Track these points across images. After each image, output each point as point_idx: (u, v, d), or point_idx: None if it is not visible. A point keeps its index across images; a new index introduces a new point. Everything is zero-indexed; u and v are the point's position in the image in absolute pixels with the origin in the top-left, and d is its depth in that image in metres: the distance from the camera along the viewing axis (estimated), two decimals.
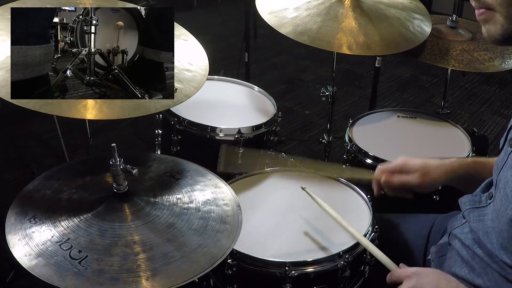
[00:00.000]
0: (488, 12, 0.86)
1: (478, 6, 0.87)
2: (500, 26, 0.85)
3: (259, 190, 1.47)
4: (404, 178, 1.18)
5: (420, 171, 1.17)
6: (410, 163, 1.19)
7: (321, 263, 1.18)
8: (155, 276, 0.93)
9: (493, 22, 0.86)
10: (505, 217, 0.89)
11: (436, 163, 1.18)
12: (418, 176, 1.17)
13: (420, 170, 1.17)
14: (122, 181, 1.08)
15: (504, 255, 0.91)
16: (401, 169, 1.19)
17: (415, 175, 1.17)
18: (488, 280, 0.95)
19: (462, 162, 1.19)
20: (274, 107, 1.83)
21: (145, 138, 2.75)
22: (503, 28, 0.84)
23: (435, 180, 1.17)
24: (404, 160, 1.20)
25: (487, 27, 0.87)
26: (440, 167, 1.18)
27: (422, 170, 1.17)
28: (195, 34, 1.57)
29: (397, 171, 1.20)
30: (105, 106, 1.18)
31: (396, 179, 1.20)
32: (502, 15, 0.83)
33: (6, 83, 1.11)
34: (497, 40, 0.87)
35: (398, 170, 1.20)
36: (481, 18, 0.87)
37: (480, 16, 0.87)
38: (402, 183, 1.18)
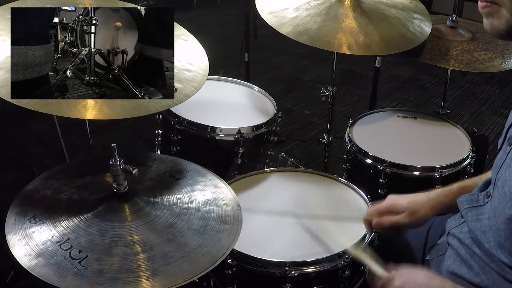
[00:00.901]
0: (493, 6, 0.85)
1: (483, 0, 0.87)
2: (504, 21, 0.84)
3: (259, 190, 1.47)
4: (394, 219, 1.20)
5: (408, 211, 1.19)
6: (397, 203, 1.21)
7: (321, 263, 1.18)
8: (155, 276, 0.93)
9: (498, 17, 0.85)
10: (503, 215, 0.89)
11: (423, 200, 1.20)
12: (407, 216, 1.19)
13: (408, 209, 1.19)
14: (122, 181, 1.08)
15: (501, 254, 0.91)
16: (390, 210, 1.21)
17: (403, 215, 1.19)
18: (487, 279, 0.95)
19: (448, 192, 1.20)
20: (274, 107, 1.83)
21: (145, 138, 2.74)
22: (507, 24, 0.84)
23: (423, 217, 1.19)
24: (391, 201, 1.23)
25: (490, 21, 0.87)
26: (427, 203, 1.19)
27: (409, 210, 1.19)
28: (195, 34, 1.57)
29: (386, 212, 1.21)
30: (105, 106, 1.18)
31: (386, 220, 1.22)
32: (508, 11, 0.83)
33: (6, 83, 1.11)
34: (500, 34, 0.86)
35: (387, 211, 1.22)
36: (485, 11, 0.87)
37: (484, 9, 0.87)
38: (392, 223, 1.20)
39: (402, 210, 1.20)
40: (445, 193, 1.21)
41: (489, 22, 0.87)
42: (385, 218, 1.22)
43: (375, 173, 1.60)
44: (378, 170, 1.59)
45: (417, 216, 1.19)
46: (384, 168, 1.58)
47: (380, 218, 1.22)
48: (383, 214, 1.22)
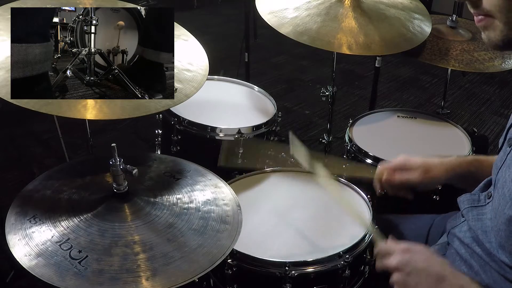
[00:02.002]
0: (487, 18, 0.85)
1: (476, 13, 0.87)
2: (499, 32, 0.84)
3: (259, 190, 1.47)
4: (405, 176, 1.19)
5: (421, 169, 1.18)
6: (411, 161, 1.20)
7: (321, 263, 1.18)
8: (155, 276, 0.93)
9: (493, 29, 0.85)
10: (503, 216, 0.89)
11: (437, 162, 1.19)
12: (419, 174, 1.18)
13: (421, 167, 1.18)
14: (122, 181, 1.08)
15: (502, 254, 0.91)
16: (402, 167, 1.20)
17: (416, 173, 1.18)
18: (487, 278, 0.95)
19: (463, 160, 1.20)
20: (274, 107, 1.83)
21: (145, 138, 2.75)
22: (502, 34, 0.84)
23: (436, 178, 1.18)
24: (405, 158, 1.21)
25: (487, 34, 0.87)
26: (441, 165, 1.19)
27: (423, 168, 1.18)
28: (195, 34, 1.57)
29: (398, 169, 1.21)
30: (105, 106, 1.18)
31: (397, 177, 1.20)
32: (501, 21, 0.83)
33: (6, 83, 1.11)
34: (497, 46, 0.87)
35: (399, 168, 1.21)
36: (480, 24, 0.87)
37: (479, 22, 0.87)
38: (403, 181, 1.19)
39: (415, 167, 1.19)
40: (460, 160, 1.20)
41: (486, 35, 0.88)
42: (396, 174, 1.21)
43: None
44: None
45: (429, 176, 1.18)
46: None
47: (392, 174, 1.21)
48: (395, 171, 1.21)
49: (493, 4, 0.82)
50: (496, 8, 0.82)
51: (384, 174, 1.23)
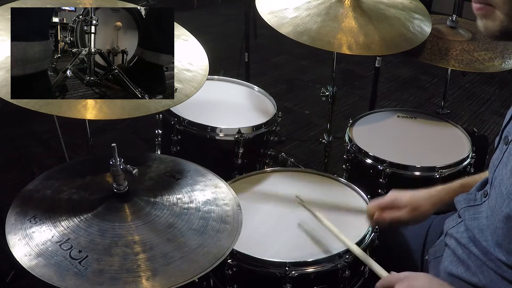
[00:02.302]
0: (488, 7, 0.85)
1: (477, 1, 0.87)
2: (499, 23, 0.84)
3: (259, 190, 1.47)
4: (395, 214, 1.21)
5: (409, 206, 1.20)
6: (399, 199, 1.22)
7: (321, 263, 1.18)
8: (155, 276, 0.93)
9: (492, 18, 0.85)
10: (500, 214, 0.89)
11: (424, 196, 1.21)
12: (408, 211, 1.20)
13: (409, 205, 1.21)
14: (122, 181, 1.08)
15: (499, 253, 0.91)
16: (391, 205, 1.22)
17: (404, 211, 1.21)
18: (484, 278, 0.95)
19: (449, 189, 1.22)
20: (274, 107, 1.83)
21: (145, 138, 2.75)
22: (502, 25, 0.84)
23: (425, 213, 1.21)
24: (393, 196, 1.24)
25: (484, 22, 0.87)
26: (428, 199, 1.21)
27: (411, 205, 1.20)
28: (195, 34, 1.57)
29: (387, 208, 1.22)
30: (105, 106, 1.18)
31: (387, 216, 1.23)
32: (503, 13, 0.83)
33: (6, 83, 1.11)
34: (494, 36, 0.87)
35: (388, 207, 1.22)
36: (480, 13, 0.87)
37: (479, 11, 0.87)
38: (393, 219, 1.21)
39: (403, 205, 1.20)
40: (446, 190, 1.22)
41: (483, 24, 0.88)
42: (386, 213, 1.22)
43: (375, 173, 1.60)
44: (378, 170, 1.59)
45: (418, 212, 1.19)
46: (384, 168, 1.58)
47: (382, 213, 1.23)
48: (385, 209, 1.22)
49: None
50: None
51: (374, 213, 1.24)
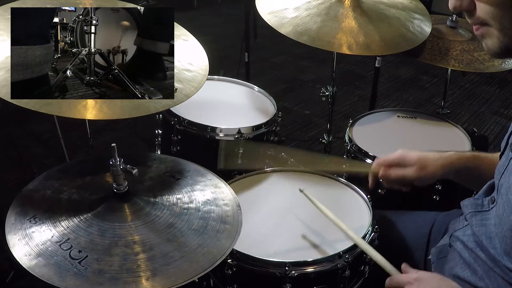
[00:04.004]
0: (483, 27, 0.85)
1: (473, 23, 0.87)
2: (496, 40, 0.84)
3: (259, 190, 1.47)
4: (402, 172, 1.19)
5: (417, 165, 1.18)
6: (407, 157, 1.20)
7: (321, 263, 1.18)
8: (155, 276, 0.93)
9: (490, 36, 0.85)
10: (508, 223, 0.88)
11: (434, 156, 1.19)
12: (416, 170, 1.18)
13: (417, 163, 1.18)
14: (122, 181, 1.08)
15: (508, 261, 0.90)
16: (399, 163, 1.20)
17: (412, 169, 1.18)
18: (491, 283, 0.94)
19: (461, 156, 1.19)
20: (274, 107, 1.83)
21: (145, 138, 2.75)
22: (499, 41, 0.84)
23: (432, 174, 1.18)
24: (402, 153, 1.21)
25: (485, 42, 0.87)
26: (437, 160, 1.18)
27: (419, 163, 1.18)
28: (195, 34, 1.57)
29: (394, 165, 1.20)
30: (105, 106, 1.18)
31: (393, 173, 1.20)
32: (497, 29, 0.83)
33: (6, 83, 1.11)
34: (496, 53, 0.86)
35: (395, 164, 1.20)
36: (478, 33, 0.87)
37: (477, 31, 0.87)
38: (399, 176, 1.19)
39: (412, 163, 1.18)
40: (458, 156, 1.19)
41: (484, 44, 0.88)
42: (392, 170, 1.20)
43: None
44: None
45: (425, 172, 1.17)
46: None
47: (388, 169, 1.21)
48: (391, 166, 1.21)
49: (486, 12, 0.82)
50: (489, 15, 0.82)
51: (380, 170, 1.22)
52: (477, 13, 0.84)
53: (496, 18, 0.82)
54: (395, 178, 1.19)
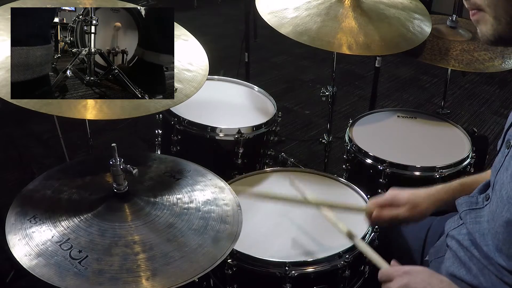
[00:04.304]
0: (479, 13, 0.87)
1: (469, 7, 0.88)
2: (490, 26, 0.85)
3: (259, 190, 1.47)
4: (394, 212, 1.21)
5: (408, 205, 1.20)
6: (398, 197, 1.22)
7: (321, 263, 1.18)
8: (155, 276, 0.93)
9: (484, 23, 0.86)
10: (500, 219, 0.89)
11: (424, 194, 1.21)
12: (407, 210, 1.20)
13: (408, 203, 1.20)
14: (122, 181, 1.08)
15: (499, 258, 0.91)
16: (391, 203, 1.22)
17: (404, 209, 1.20)
18: (485, 281, 0.95)
19: (449, 188, 1.21)
20: (274, 107, 1.83)
21: (145, 138, 2.75)
22: (493, 28, 0.85)
23: (423, 212, 1.20)
24: (392, 194, 1.23)
25: (479, 28, 0.88)
26: (428, 198, 1.20)
27: (410, 203, 1.20)
28: (195, 34, 1.57)
29: (387, 205, 1.22)
30: (105, 106, 1.19)
31: (386, 214, 1.22)
32: (491, 16, 0.84)
33: (6, 83, 1.11)
34: (489, 41, 0.88)
35: (387, 204, 1.22)
36: (474, 18, 0.89)
37: (473, 16, 0.88)
38: (392, 217, 1.21)
39: (403, 203, 1.20)
40: (445, 190, 1.22)
41: (479, 30, 0.89)
42: (385, 211, 1.22)
43: (375, 173, 1.60)
44: (378, 170, 1.59)
45: (417, 211, 1.19)
46: (384, 168, 1.58)
47: (381, 211, 1.22)
48: (384, 207, 1.22)
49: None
50: (485, 2, 0.84)
51: (374, 211, 1.24)
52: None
53: (491, 5, 0.83)
54: (388, 218, 1.21)
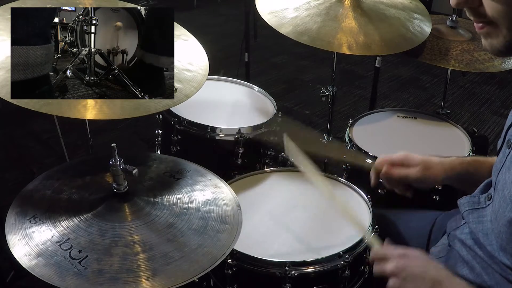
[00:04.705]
0: (490, 26, 0.84)
1: (478, 20, 0.85)
2: (502, 39, 0.83)
3: (259, 190, 1.47)
4: (405, 172, 1.19)
5: (420, 166, 1.18)
6: (411, 157, 1.20)
7: (321, 263, 1.18)
8: (155, 276, 0.93)
9: (496, 36, 0.83)
10: (504, 218, 0.89)
11: (437, 160, 1.19)
12: (419, 170, 1.18)
13: (421, 164, 1.18)
14: (122, 181, 1.08)
15: (504, 257, 0.91)
16: (403, 162, 1.20)
17: (416, 169, 1.18)
18: (489, 280, 0.95)
19: (462, 161, 1.20)
20: (274, 107, 1.83)
21: (145, 138, 2.74)
22: (505, 40, 0.82)
23: (435, 176, 1.18)
24: (405, 154, 1.21)
25: (489, 41, 0.85)
26: (440, 164, 1.19)
27: (422, 165, 1.18)
28: (195, 34, 1.57)
29: (398, 164, 1.20)
30: (105, 106, 1.18)
31: (396, 172, 1.20)
32: (505, 27, 0.81)
33: (6, 83, 1.11)
34: (500, 52, 0.85)
35: (399, 163, 1.20)
36: (483, 31, 0.85)
37: (481, 30, 0.85)
38: (402, 176, 1.19)
39: (415, 163, 1.18)
40: (459, 161, 1.20)
41: (488, 43, 0.86)
42: (396, 169, 1.20)
43: None
44: None
45: (430, 173, 1.17)
46: None
47: (391, 168, 1.21)
48: (395, 165, 1.20)
49: (497, 10, 0.80)
50: (501, 14, 0.80)
51: (383, 167, 1.22)
52: (487, 12, 0.82)
53: (506, 16, 0.80)
54: (397, 177, 1.19)
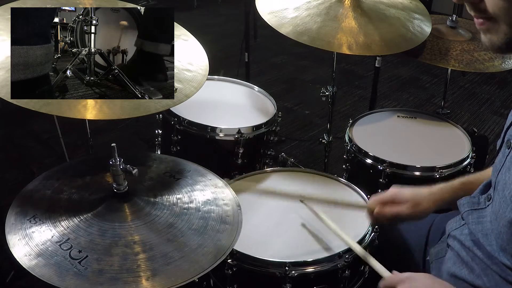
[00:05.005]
0: (489, 21, 0.83)
1: (478, 16, 0.84)
2: (503, 35, 0.82)
3: (259, 190, 1.47)
4: (396, 209, 1.21)
5: (410, 202, 1.20)
6: (400, 194, 1.22)
7: (321, 263, 1.18)
8: (155, 276, 0.93)
9: (496, 32, 0.83)
10: (504, 219, 0.89)
11: (426, 193, 1.21)
12: (409, 207, 1.20)
13: (410, 201, 1.20)
14: (122, 181, 1.08)
15: (504, 257, 0.91)
16: (393, 200, 1.22)
17: (406, 206, 1.20)
18: (488, 281, 0.95)
19: (450, 188, 1.22)
20: (274, 107, 1.83)
21: (145, 138, 2.75)
22: (506, 37, 0.82)
23: (425, 210, 1.20)
24: (395, 191, 1.23)
25: (489, 37, 0.85)
26: (430, 196, 1.21)
27: (412, 201, 1.20)
28: (195, 34, 1.57)
29: (389, 202, 1.22)
30: (105, 106, 1.18)
31: (388, 211, 1.23)
32: (506, 23, 0.81)
33: (6, 83, 1.11)
34: (500, 49, 0.84)
35: (389, 201, 1.22)
36: (483, 27, 0.85)
37: (481, 26, 0.85)
38: (394, 214, 1.21)
39: (404, 201, 1.20)
40: (447, 189, 1.21)
41: (488, 39, 0.85)
42: (387, 208, 1.22)
43: (375, 173, 1.60)
44: (378, 170, 1.59)
45: (419, 209, 1.19)
46: (384, 168, 1.58)
47: (382, 208, 1.22)
48: (385, 204, 1.22)
49: (497, 6, 0.80)
50: (502, 11, 0.80)
51: (375, 207, 1.24)
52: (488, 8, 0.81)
53: (507, 12, 0.79)
54: (390, 215, 1.21)
